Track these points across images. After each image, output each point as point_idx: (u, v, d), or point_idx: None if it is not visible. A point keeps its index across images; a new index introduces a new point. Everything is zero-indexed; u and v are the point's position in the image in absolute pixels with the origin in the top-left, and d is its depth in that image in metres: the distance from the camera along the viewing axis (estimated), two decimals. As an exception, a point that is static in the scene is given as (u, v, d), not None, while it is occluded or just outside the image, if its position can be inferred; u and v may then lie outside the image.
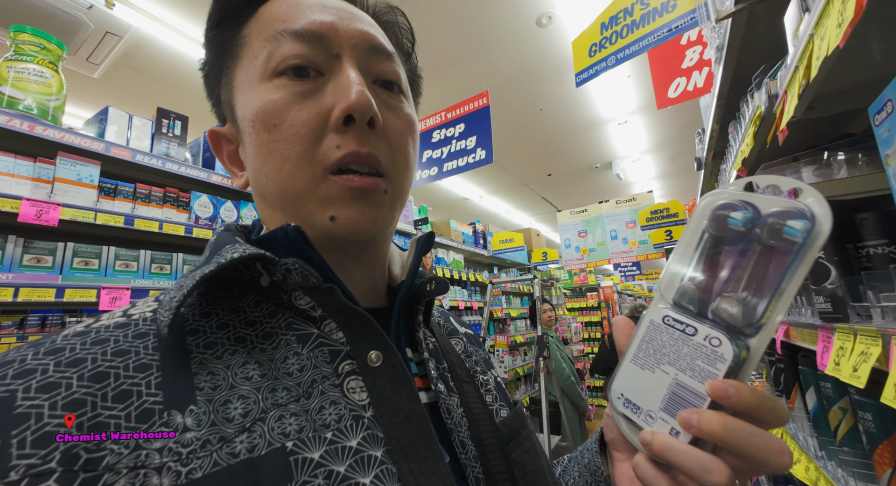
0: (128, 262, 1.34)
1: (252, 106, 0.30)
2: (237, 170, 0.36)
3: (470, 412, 0.33)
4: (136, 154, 1.37)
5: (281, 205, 0.31)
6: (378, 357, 0.28)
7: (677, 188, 7.52)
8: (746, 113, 0.95)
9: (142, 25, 3.27)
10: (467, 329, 0.49)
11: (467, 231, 3.74)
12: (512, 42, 3.82)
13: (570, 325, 5.86)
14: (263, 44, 0.31)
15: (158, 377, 0.23)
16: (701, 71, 2.44)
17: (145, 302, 0.29)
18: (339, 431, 0.25)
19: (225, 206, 1.68)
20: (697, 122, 3.92)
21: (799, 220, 0.23)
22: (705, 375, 0.24)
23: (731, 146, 1.27)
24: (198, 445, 0.22)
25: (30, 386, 0.21)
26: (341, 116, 0.29)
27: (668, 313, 0.27)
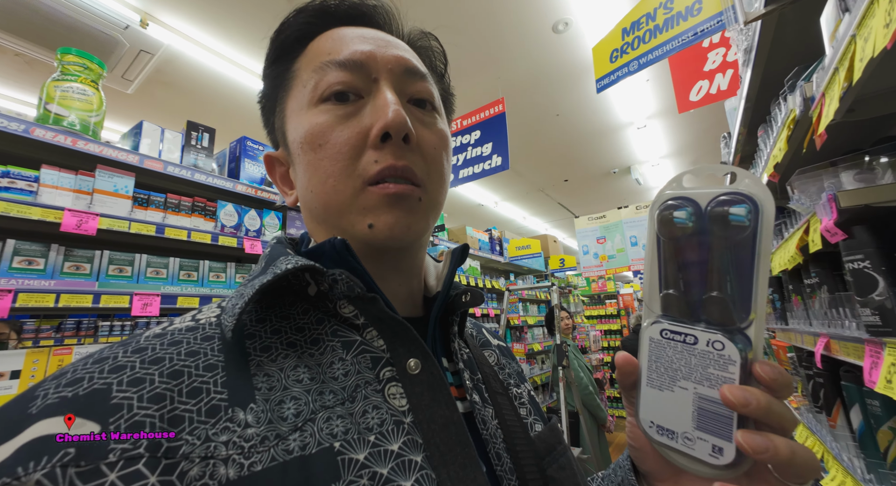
0: (158, 269, 1.39)
1: (301, 129, 0.33)
2: (287, 189, 0.39)
3: (505, 424, 0.33)
4: (167, 165, 1.43)
5: (324, 217, 0.34)
6: (417, 365, 0.30)
7: (699, 193, 7.30)
8: (778, 116, 0.92)
9: (172, 43, 3.43)
10: (500, 341, 0.49)
11: (483, 238, 3.72)
12: (528, 49, 3.83)
13: (588, 333, 5.73)
14: (311, 75, 0.34)
15: (223, 377, 0.26)
16: (725, 73, 2.38)
17: (209, 308, 0.32)
18: (382, 434, 0.26)
19: (249, 214, 1.73)
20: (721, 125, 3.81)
21: (740, 205, 0.23)
22: (721, 381, 0.24)
23: (760, 150, 1.23)
24: (257, 440, 0.23)
25: (122, 380, 0.23)
26: (379, 134, 0.31)
27: (664, 327, 0.26)
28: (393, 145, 0.32)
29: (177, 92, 4.17)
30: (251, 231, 1.72)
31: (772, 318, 1.74)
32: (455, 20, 3.35)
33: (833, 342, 0.94)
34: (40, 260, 1.11)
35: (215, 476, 0.22)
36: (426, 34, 0.42)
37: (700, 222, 0.25)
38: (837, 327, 0.90)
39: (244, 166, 1.87)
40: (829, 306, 0.96)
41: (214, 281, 1.57)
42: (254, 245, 1.65)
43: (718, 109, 2.34)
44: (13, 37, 3.08)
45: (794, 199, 0.82)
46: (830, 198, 0.68)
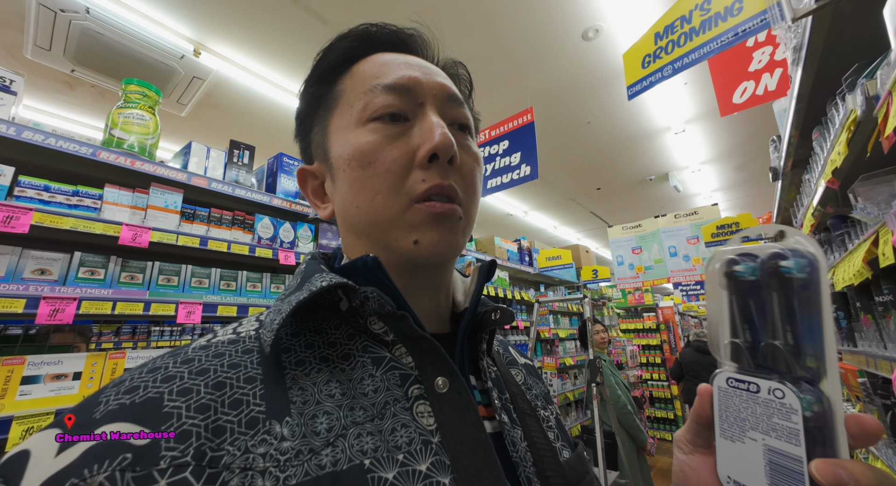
0: (201, 279, 1.48)
1: (348, 147, 0.35)
2: (320, 202, 0.40)
3: (534, 447, 0.33)
4: (211, 182, 1.53)
5: (368, 232, 0.35)
6: (445, 384, 0.30)
7: (746, 200, 6.84)
8: (836, 118, 0.84)
9: (220, 69, 3.72)
10: (527, 360, 0.49)
11: (512, 248, 3.67)
12: (557, 58, 3.80)
13: (624, 348, 5.44)
14: (360, 96, 0.36)
15: (262, 389, 0.27)
16: (773, 73, 2.22)
17: (249, 321, 0.34)
18: (410, 454, 0.27)
19: (283, 227, 1.81)
20: (769, 128, 3.56)
21: (791, 259, 0.24)
22: (787, 433, 0.23)
23: (815, 154, 1.12)
24: (292, 454, 0.24)
25: (172, 389, 0.25)
26: (427, 154, 0.33)
27: (730, 375, 0.27)
28: (439, 166, 0.34)
29: (224, 113, 4.49)
30: (285, 243, 1.80)
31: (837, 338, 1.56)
32: (483, 31, 3.40)
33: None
34: (101, 271, 1.22)
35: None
36: (456, 63, 0.44)
37: (761, 275, 0.26)
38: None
39: (280, 181, 1.96)
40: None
41: (251, 291, 1.64)
42: (287, 256, 1.72)
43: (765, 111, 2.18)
44: (89, 71, 3.47)
45: (858, 207, 0.74)
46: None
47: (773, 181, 1.79)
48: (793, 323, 0.24)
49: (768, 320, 0.25)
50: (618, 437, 2.45)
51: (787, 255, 0.25)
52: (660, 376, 6.08)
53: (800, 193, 1.60)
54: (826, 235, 1.29)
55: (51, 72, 3.61)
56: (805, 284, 0.24)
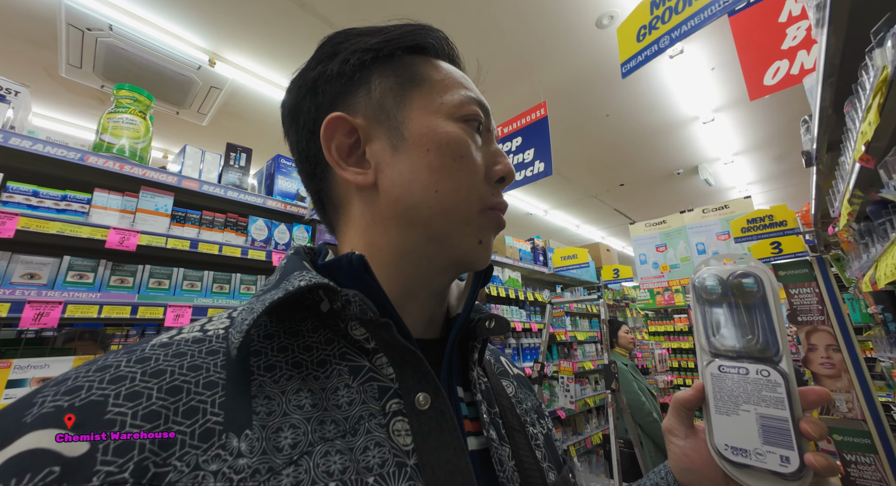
0: (193, 282, 1.49)
1: (441, 131, 0.35)
2: (354, 165, 0.36)
3: (522, 468, 0.32)
4: (202, 185, 1.54)
5: (432, 221, 0.33)
6: (426, 400, 0.29)
7: (788, 192, 6.32)
8: (866, 82, 0.70)
9: (236, 77, 3.84)
10: (519, 371, 0.49)
11: (525, 247, 3.54)
12: (570, 48, 3.64)
13: (652, 351, 5.13)
14: (453, 92, 0.36)
15: (222, 397, 0.25)
16: (810, 50, 2.01)
17: (219, 318, 0.31)
18: (382, 477, 0.25)
19: (278, 229, 1.80)
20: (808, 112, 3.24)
21: (748, 277, 0.36)
22: (775, 400, 0.31)
23: (848, 131, 0.96)
24: (248, 473, 0.22)
25: (119, 392, 0.23)
26: (500, 176, 0.37)
27: (721, 363, 0.35)
28: (501, 188, 0.37)
29: (242, 121, 4.65)
30: (280, 245, 1.79)
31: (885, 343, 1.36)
32: (491, 25, 3.31)
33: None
34: (90, 274, 1.24)
35: None
36: None
37: (725, 289, 0.36)
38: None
39: (277, 182, 1.96)
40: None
41: (245, 293, 1.64)
42: (281, 258, 1.71)
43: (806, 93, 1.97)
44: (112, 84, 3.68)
45: (888, 187, 0.60)
46: None
47: (806, 167, 1.59)
48: (763, 321, 0.34)
49: (741, 321, 0.35)
50: (637, 448, 2.27)
51: (746, 274, 0.36)
52: (693, 382, 5.70)
53: (835, 178, 1.40)
54: (867, 225, 1.11)
55: (84, 89, 3.87)
56: (763, 293, 0.34)
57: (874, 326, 2.68)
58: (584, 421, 3.54)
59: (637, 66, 1.30)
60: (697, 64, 3.70)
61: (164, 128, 4.71)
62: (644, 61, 1.29)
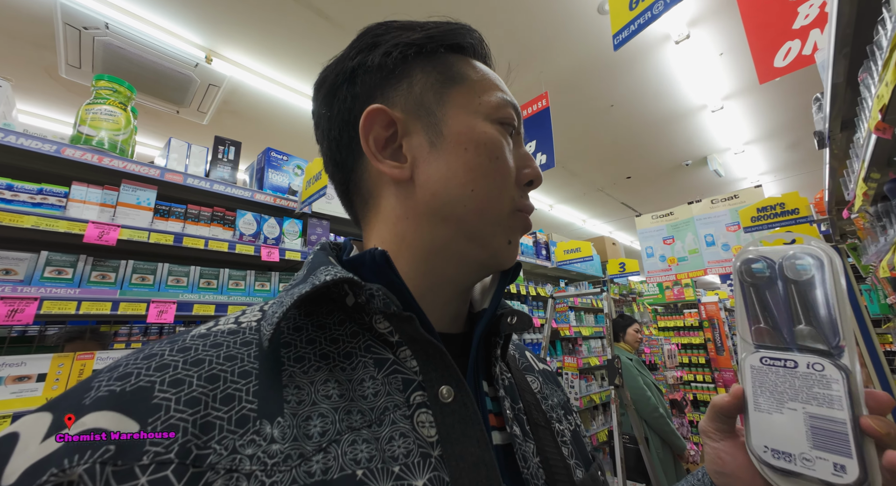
0: (179, 277, 1.46)
1: (480, 131, 0.35)
2: (390, 158, 0.36)
3: (547, 464, 0.32)
4: (186, 178, 1.51)
5: (465, 219, 0.34)
6: (449, 393, 0.29)
7: (801, 180, 6.12)
8: (883, 39, 0.62)
9: (234, 74, 3.82)
10: (545, 365, 0.48)
11: (527, 241, 3.46)
12: (571, 36, 3.54)
13: (661, 347, 5.01)
14: (491, 93, 0.37)
15: (256, 385, 0.26)
16: (823, 29, 1.91)
17: (252, 311, 0.33)
18: (407, 466, 0.25)
19: (268, 223, 1.76)
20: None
21: (804, 257, 0.30)
22: (829, 399, 0.27)
23: (864, 102, 0.88)
24: (281, 458, 0.23)
25: (164, 379, 0.24)
26: (529, 179, 0.37)
27: (763, 354, 0.30)
28: (529, 190, 0.38)
29: (242, 119, 4.64)
30: (270, 239, 1.75)
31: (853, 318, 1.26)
32: (489, 13, 3.22)
33: None
34: (69, 270, 1.21)
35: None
36: None
37: (773, 272, 0.31)
38: None
39: (268, 176, 1.93)
40: None
41: (233, 289, 1.60)
42: (271, 253, 1.67)
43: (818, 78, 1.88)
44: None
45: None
46: None
47: (818, 148, 1.49)
48: (820, 308, 0.29)
49: (792, 307, 0.30)
50: (643, 445, 2.20)
51: (803, 256, 0.30)
52: (704, 378, 5.58)
53: (850, 158, 1.31)
54: (884, 205, 1.02)
55: (86, 89, 3.89)
56: (815, 276, 0.29)
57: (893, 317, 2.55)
58: (590, 418, 3.47)
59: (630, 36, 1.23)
60: (705, 49, 3.56)
61: (165, 127, 4.73)
62: (637, 30, 1.21)
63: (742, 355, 0.31)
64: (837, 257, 0.28)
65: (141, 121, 4.58)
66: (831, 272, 0.29)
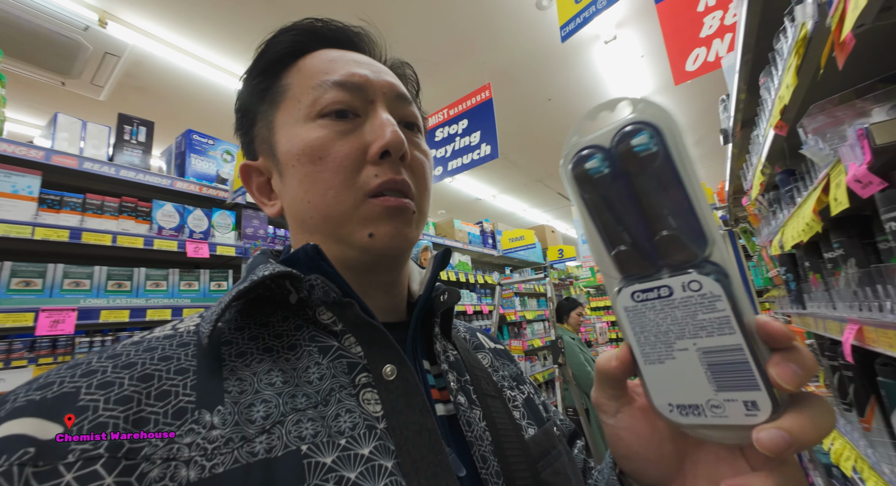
0: (79, 280, 1.24)
1: (297, 142, 0.34)
2: (266, 199, 0.39)
3: (494, 427, 0.33)
4: (83, 161, 1.27)
5: (321, 228, 0.35)
6: (392, 371, 0.30)
7: (704, 172, 7.03)
8: (784, 47, 0.72)
9: (137, 43, 3.30)
10: (497, 344, 0.49)
11: (474, 231, 3.53)
12: (511, 29, 3.62)
13: (594, 325, 5.50)
14: (308, 91, 0.35)
15: (194, 380, 0.26)
16: (723, 38, 2.18)
17: (191, 318, 0.33)
18: (353, 438, 0.26)
19: (193, 215, 1.57)
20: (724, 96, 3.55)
21: (639, 134, 0.21)
22: (717, 324, 0.21)
23: (763, 103, 1.02)
24: (221, 442, 0.24)
25: (91, 383, 0.24)
26: (379, 151, 0.34)
27: (633, 289, 0.23)
28: (391, 162, 0.34)
29: (152, 97, 4.04)
30: (197, 233, 1.56)
31: (786, 301, 1.52)
32: (434, 4, 3.16)
33: (867, 330, 0.74)
34: (-83, 275, 0.96)
35: (176, 478, 0.22)
36: (403, 63, 0.45)
37: (615, 162, 0.22)
38: (874, 311, 0.70)
39: (190, 162, 1.70)
40: (860, 283, 0.76)
41: (153, 290, 1.40)
42: (199, 248, 1.49)
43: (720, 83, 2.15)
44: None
45: (807, 144, 0.62)
46: (861, 134, 0.49)
47: (723, 144, 1.71)
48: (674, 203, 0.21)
49: (646, 212, 0.22)
50: (582, 417, 2.41)
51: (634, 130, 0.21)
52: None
53: (749, 152, 1.52)
54: (775, 194, 1.22)
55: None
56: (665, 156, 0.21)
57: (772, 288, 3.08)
58: (535, 395, 3.70)
59: (576, 28, 1.28)
60: (630, 50, 3.88)
61: (51, 103, 3.97)
62: (583, 24, 1.27)
63: (612, 294, 0.24)
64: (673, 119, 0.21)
65: (13, 94, 3.76)
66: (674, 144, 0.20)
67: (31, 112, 4.09)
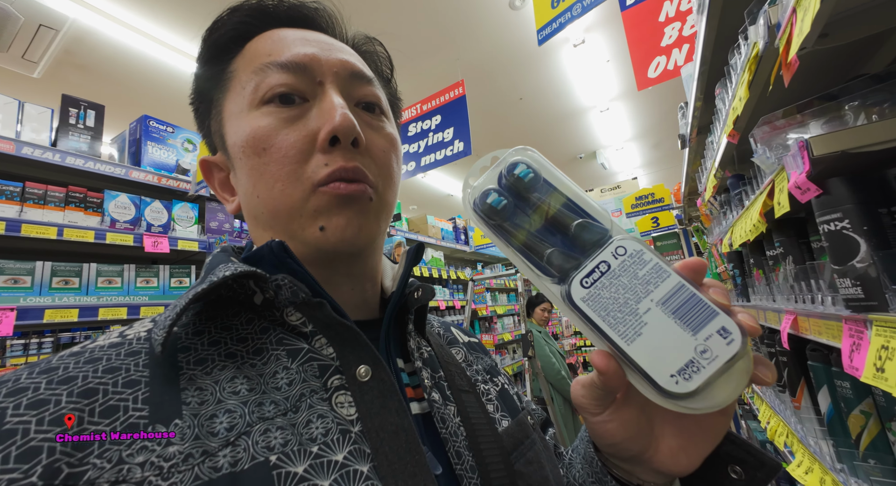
0: (18, 276, 1.12)
1: (242, 133, 0.32)
2: (228, 196, 0.37)
3: (468, 422, 0.32)
4: (21, 146, 1.15)
5: (271, 223, 0.32)
6: (367, 372, 0.29)
7: (663, 174, 7.46)
8: (738, 62, 0.79)
9: (79, 17, 3.00)
10: (471, 338, 0.48)
11: (447, 226, 3.56)
12: (485, 27, 3.65)
13: (560, 319, 5.72)
14: (251, 76, 0.33)
15: (146, 393, 0.24)
16: (681, 48, 2.32)
17: (142, 323, 0.30)
18: (326, 445, 0.25)
19: (151, 206, 1.46)
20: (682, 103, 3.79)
21: (517, 165, 0.27)
22: (654, 273, 0.24)
23: (718, 112, 1.11)
24: (180, 459, 0.22)
25: (20, 403, 0.21)
26: (327, 138, 0.31)
27: (579, 278, 0.25)
28: (342, 149, 0.31)
29: (94, 76, 3.69)
30: (155, 226, 1.46)
31: (733, 294, 1.67)
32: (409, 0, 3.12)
33: (801, 320, 0.83)
34: None
35: None
36: (371, 39, 0.42)
37: (509, 193, 0.27)
38: (808, 303, 0.79)
39: (146, 151, 1.59)
40: (796, 278, 0.85)
41: (105, 287, 1.30)
42: (158, 242, 1.40)
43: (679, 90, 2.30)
44: None
45: (757, 152, 0.69)
46: (802, 146, 0.55)
47: (681, 148, 1.84)
48: (562, 206, 0.26)
49: (551, 218, 0.26)
50: (550, 406, 2.51)
51: (512, 164, 0.27)
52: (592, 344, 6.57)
53: (703, 157, 1.65)
54: (726, 196, 1.33)
55: None
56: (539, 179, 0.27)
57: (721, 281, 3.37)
58: (504, 387, 3.80)
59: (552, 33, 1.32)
60: (597, 55, 4.03)
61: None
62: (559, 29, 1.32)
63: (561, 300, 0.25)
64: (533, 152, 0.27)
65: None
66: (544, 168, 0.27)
67: (-51, 87, 3.62)
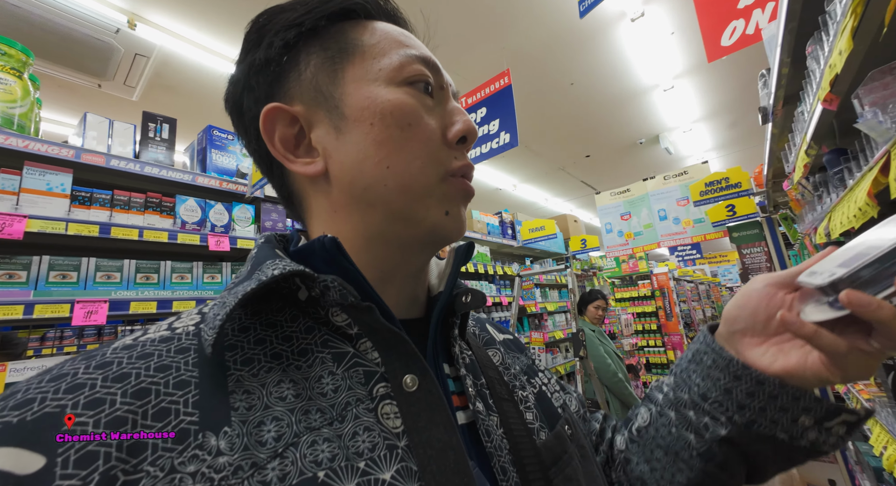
0: (110, 273, 1.29)
1: (383, 101, 0.32)
2: (294, 156, 0.34)
3: (511, 434, 0.32)
4: (110, 159, 1.32)
5: (390, 199, 0.32)
6: (414, 381, 0.28)
7: (739, 156, 6.60)
8: (837, 8, 0.63)
9: (164, 43, 3.40)
10: (507, 336, 0.47)
11: (493, 221, 3.48)
12: (534, 13, 3.48)
13: (619, 317, 5.34)
14: (391, 53, 0.33)
15: (196, 395, 0.24)
16: (764, 8, 2.00)
17: (189, 314, 0.30)
18: (373, 461, 0.24)
19: (214, 209, 1.61)
20: (762, 74, 3.28)
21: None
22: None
23: (810, 75, 0.91)
24: (230, 471, 0.21)
25: (78, 402, 0.21)
26: (459, 135, 0.33)
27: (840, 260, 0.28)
28: (466, 148, 0.34)
29: (179, 95, 4.18)
30: (218, 227, 1.60)
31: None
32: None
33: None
34: (-36, 269, 1.03)
35: None
36: None
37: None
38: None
39: (211, 157, 1.74)
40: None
41: (178, 283, 1.46)
42: (220, 242, 1.53)
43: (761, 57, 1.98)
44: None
45: (864, 117, 0.54)
46: None
47: (762, 124, 1.58)
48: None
49: None
50: (603, 408, 2.35)
51: None
52: (655, 343, 6.06)
53: (791, 131, 1.39)
54: (822, 177, 1.11)
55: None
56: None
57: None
58: (556, 388, 3.65)
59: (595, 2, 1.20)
60: (658, 28, 3.65)
61: (88, 105, 4.18)
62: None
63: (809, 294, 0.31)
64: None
65: (56, 97, 3.99)
66: None
67: (72, 113, 4.33)
